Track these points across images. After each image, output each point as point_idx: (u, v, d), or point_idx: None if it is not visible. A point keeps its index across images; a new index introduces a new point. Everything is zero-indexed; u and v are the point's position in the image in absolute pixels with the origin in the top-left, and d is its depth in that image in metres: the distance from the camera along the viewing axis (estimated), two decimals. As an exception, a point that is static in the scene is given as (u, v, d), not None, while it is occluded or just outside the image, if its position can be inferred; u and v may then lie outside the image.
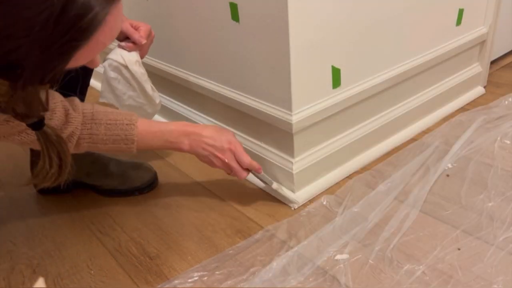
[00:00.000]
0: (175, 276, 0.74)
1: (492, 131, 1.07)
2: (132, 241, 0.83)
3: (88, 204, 0.95)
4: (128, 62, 0.90)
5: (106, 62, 0.91)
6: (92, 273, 0.76)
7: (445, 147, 1.03)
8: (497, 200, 0.84)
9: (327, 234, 0.80)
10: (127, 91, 0.93)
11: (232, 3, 0.84)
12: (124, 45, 0.90)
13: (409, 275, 0.70)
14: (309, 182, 0.92)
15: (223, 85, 0.98)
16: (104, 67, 0.91)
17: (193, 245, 0.81)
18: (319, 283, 0.70)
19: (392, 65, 1.00)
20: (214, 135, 0.82)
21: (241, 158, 0.83)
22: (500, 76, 1.41)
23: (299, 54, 0.79)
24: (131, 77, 0.91)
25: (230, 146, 0.82)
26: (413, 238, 0.77)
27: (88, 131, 0.74)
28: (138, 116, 0.79)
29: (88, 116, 0.74)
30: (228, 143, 0.82)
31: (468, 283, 0.67)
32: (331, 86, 0.88)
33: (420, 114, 1.13)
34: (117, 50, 0.90)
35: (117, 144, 0.77)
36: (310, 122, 0.85)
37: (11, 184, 1.05)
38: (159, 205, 0.93)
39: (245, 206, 0.90)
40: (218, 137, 0.82)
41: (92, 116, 0.75)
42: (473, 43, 1.20)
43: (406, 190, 0.89)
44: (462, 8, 1.12)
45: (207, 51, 0.99)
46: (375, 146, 1.04)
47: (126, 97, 0.93)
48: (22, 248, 0.83)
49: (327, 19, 0.81)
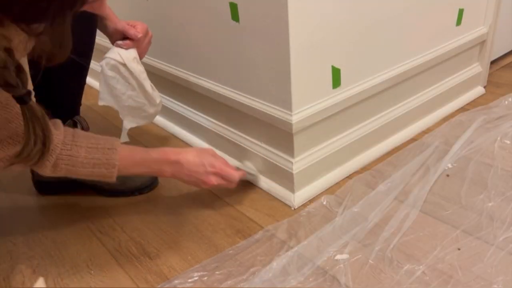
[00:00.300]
0: (175, 276, 0.74)
1: (492, 131, 1.07)
2: (132, 241, 0.83)
3: (88, 204, 0.95)
4: (125, 59, 0.88)
5: (103, 61, 0.89)
6: (92, 273, 0.76)
7: (445, 147, 1.03)
8: (497, 200, 0.84)
9: (327, 234, 0.80)
10: (126, 90, 0.91)
11: (232, 3, 0.84)
12: (121, 43, 0.89)
13: (409, 275, 0.70)
14: (309, 182, 0.92)
15: (223, 85, 0.98)
16: (101, 67, 0.89)
17: (193, 245, 0.81)
18: (319, 283, 0.70)
19: (392, 65, 1.00)
20: (195, 160, 0.82)
21: (228, 176, 0.85)
22: (500, 76, 1.41)
23: (299, 54, 0.79)
24: (130, 75, 0.90)
25: (213, 169, 0.83)
26: (413, 238, 0.77)
27: (68, 152, 0.72)
28: (119, 141, 0.78)
29: (69, 137, 0.72)
30: (211, 167, 0.83)
31: (468, 283, 0.67)
32: (331, 86, 0.88)
33: (420, 114, 1.13)
34: (114, 49, 0.89)
35: (98, 169, 0.75)
36: (310, 122, 0.85)
37: (12, 184, 1.05)
38: (159, 205, 0.93)
39: (245, 206, 0.90)
40: (199, 162, 0.82)
41: (73, 138, 0.73)
42: (473, 43, 1.20)
43: (406, 190, 0.89)
44: (462, 8, 1.12)
45: (207, 51, 0.99)
46: (375, 146, 1.04)
47: (126, 97, 0.92)
48: (22, 248, 0.83)
49: (327, 19, 0.81)
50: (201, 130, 1.12)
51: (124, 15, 0.94)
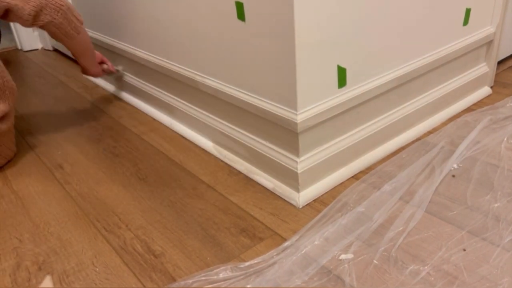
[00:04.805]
0: (179, 275, 0.74)
1: (499, 132, 1.06)
2: (137, 239, 0.83)
3: (93, 202, 0.95)
4: None
5: None
6: (97, 271, 0.77)
7: (450, 148, 1.02)
8: (503, 201, 0.84)
9: (331, 233, 0.80)
10: None
11: (238, 2, 0.84)
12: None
13: (413, 275, 0.69)
14: (314, 182, 0.92)
15: (229, 84, 0.99)
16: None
17: (197, 243, 0.81)
18: (323, 283, 0.70)
19: (398, 65, 1.00)
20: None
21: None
22: (507, 76, 1.40)
23: (304, 53, 0.79)
24: None
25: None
26: (418, 238, 0.77)
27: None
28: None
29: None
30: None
31: (473, 284, 0.67)
32: (336, 86, 0.88)
33: (425, 114, 1.13)
34: None
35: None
36: (315, 121, 0.85)
37: (17, 181, 1.05)
38: (164, 204, 0.93)
39: (249, 205, 0.90)
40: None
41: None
42: (480, 43, 1.19)
43: (412, 190, 0.89)
44: (469, 8, 1.11)
45: (213, 50, 0.99)
46: (381, 146, 1.03)
47: None
48: (28, 245, 0.84)
49: (333, 19, 0.81)
50: (206, 129, 1.13)
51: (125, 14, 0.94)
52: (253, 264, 0.74)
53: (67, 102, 1.52)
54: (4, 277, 0.76)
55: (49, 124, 1.36)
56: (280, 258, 0.75)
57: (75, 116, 1.40)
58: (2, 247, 0.84)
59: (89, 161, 1.12)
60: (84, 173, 1.07)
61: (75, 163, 1.12)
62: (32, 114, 1.45)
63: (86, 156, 1.15)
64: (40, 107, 1.50)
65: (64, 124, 1.35)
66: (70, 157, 1.15)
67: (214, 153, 1.10)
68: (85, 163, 1.12)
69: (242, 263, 0.75)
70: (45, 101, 1.55)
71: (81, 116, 1.40)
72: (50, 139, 1.26)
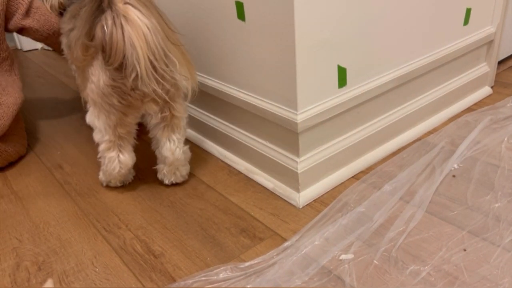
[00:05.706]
0: (179, 275, 0.74)
1: (499, 132, 1.06)
2: (137, 239, 0.83)
3: (93, 202, 0.95)
4: None
5: None
6: (97, 271, 0.76)
7: (451, 148, 1.02)
8: (504, 201, 0.84)
9: (332, 234, 0.79)
10: None
11: (238, 2, 0.84)
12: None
13: (414, 276, 0.69)
14: (314, 182, 0.91)
15: (229, 84, 0.98)
16: None
17: (197, 243, 0.81)
18: (324, 283, 0.70)
19: (398, 64, 0.99)
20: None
21: None
22: (507, 76, 1.40)
23: (305, 53, 0.79)
24: None
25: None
26: (419, 238, 0.77)
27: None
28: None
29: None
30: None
31: (473, 284, 0.67)
32: (337, 86, 0.88)
33: (426, 114, 1.13)
34: None
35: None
36: (315, 121, 0.85)
37: (17, 181, 1.05)
38: (163, 204, 0.93)
39: (249, 205, 0.90)
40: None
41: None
42: (480, 42, 1.19)
43: (412, 190, 0.89)
44: (470, 8, 1.11)
45: (213, 50, 0.99)
46: (381, 146, 1.03)
47: None
48: (28, 245, 0.84)
49: (333, 18, 0.81)
50: (206, 129, 1.12)
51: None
52: (253, 264, 0.74)
53: (67, 102, 1.52)
54: (4, 277, 0.76)
55: (49, 124, 1.36)
56: (280, 258, 0.75)
57: (75, 116, 1.40)
58: (2, 247, 0.84)
59: (89, 161, 1.12)
60: (84, 173, 1.07)
61: (75, 163, 1.12)
62: (32, 114, 1.45)
63: (86, 156, 1.15)
64: (40, 107, 1.50)
65: (64, 124, 1.35)
66: (70, 157, 1.15)
67: (214, 153, 1.10)
68: (85, 163, 1.11)
69: (242, 263, 0.75)
70: (45, 101, 1.55)
71: (81, 116, 1.40)
72: (50, 139, 1.26)
